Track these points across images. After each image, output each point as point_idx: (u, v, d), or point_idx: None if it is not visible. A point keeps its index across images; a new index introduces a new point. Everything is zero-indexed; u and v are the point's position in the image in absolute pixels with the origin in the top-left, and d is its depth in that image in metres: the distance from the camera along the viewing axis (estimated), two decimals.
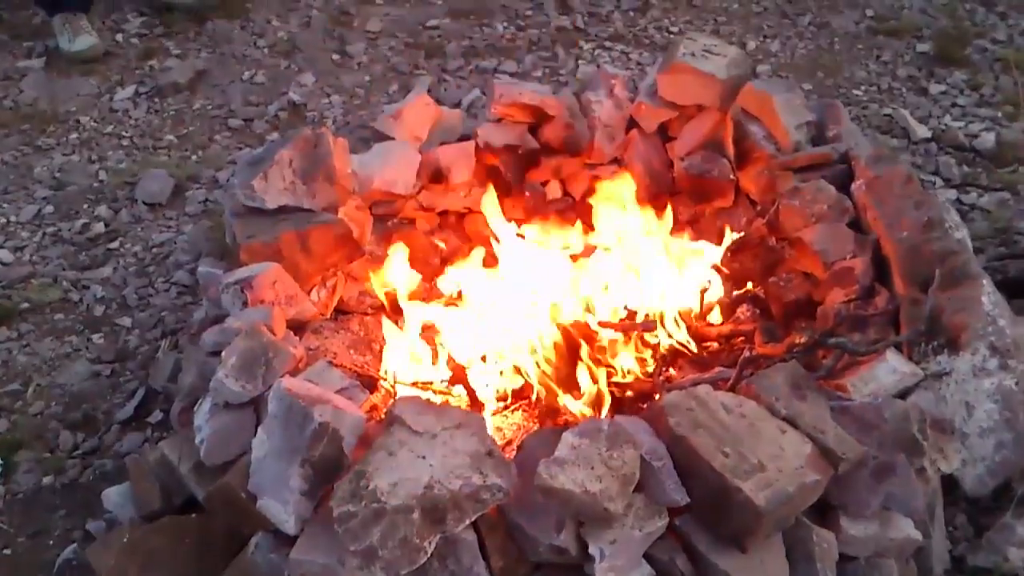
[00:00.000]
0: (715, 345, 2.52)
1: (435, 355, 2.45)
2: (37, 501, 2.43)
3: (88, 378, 2.77)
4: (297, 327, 2.40)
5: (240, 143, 3.80)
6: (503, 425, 2.32)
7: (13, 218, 3.38)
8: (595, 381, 2.28)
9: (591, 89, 3.14)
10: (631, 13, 4.70)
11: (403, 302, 2.57)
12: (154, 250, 3.25)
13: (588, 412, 2.23)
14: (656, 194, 3.03)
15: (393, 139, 2.92)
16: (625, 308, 2.47)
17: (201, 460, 2.01)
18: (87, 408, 2.68)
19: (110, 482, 2.34)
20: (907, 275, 2.34)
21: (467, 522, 1.73)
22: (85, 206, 3.45)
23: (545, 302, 2.42)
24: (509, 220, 2.78)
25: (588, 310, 2.43)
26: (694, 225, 3.04)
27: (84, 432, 2.62)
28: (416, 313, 2.52)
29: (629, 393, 2.33)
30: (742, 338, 2.53)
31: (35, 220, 3.38)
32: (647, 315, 2.42)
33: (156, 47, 4.34)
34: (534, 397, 2.34)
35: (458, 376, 2.41)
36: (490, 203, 2.76)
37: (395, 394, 2.33)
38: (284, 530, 1.80)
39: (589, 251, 2.73)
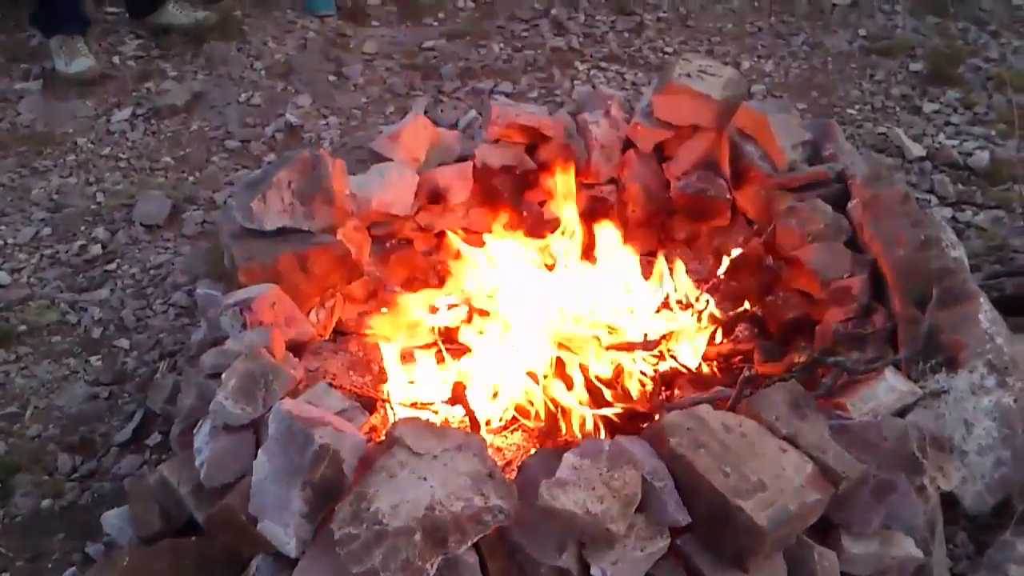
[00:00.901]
0: (714, 364, 2.52)
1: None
2: (35, 524, 2.42)
3: (86, 400, 2.77)
4: (296, 348, 2.40)
5: (237, 164, 3.81)
6: (503, 446, 2.32)
7: (11, 240, 3.38)
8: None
9: (587, 109, 3.15)
10: (626, 34, 4.73)
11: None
12: (152, 272, 3.24)
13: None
14: (653, 214, 3.04)
15: (391, 160, 2.93)
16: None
17: (201, 482, 2.01)
18: (85, 431, 2.67)
19: (109, 505, 2.33)
20: (905, 294, 2.34)
21: (469, 544, 1.73)
22: (83, 228, 3.45)
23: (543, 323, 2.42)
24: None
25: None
26: (691, 244, 3.05)
27: (82, 455, 2.60)
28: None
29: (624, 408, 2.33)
30: (741, 357, 2.54)
31: (33, 242, 3.38)
32: (646, 335, 2.42)
33: (153, 69, 4.35)
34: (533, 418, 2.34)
35: (457, 396, 2.41)
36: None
37: (395, 414, 2.33)
38: (285, 552, 1.80)
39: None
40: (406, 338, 2.56)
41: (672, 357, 2.42)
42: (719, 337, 2.59)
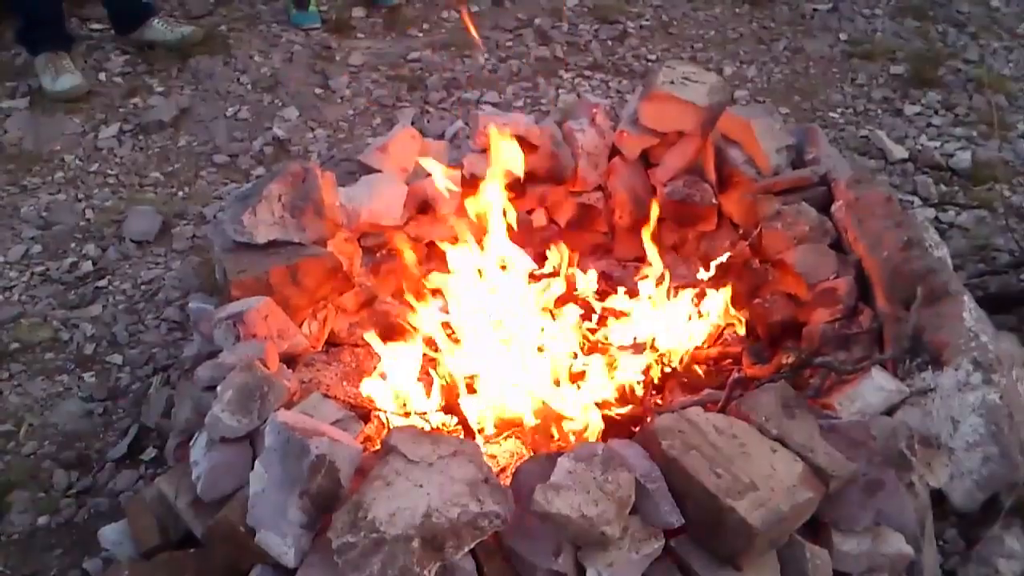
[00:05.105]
0: (704, 367, 2.55)
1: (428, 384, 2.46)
2: (33, 542, 2.43)
3: (80, 417, 2.77)
4: (289, 360, 2.41)
5: (226, 179, 3.82)
6: (496, 452, 2.34)
7: (1, 258, 3.38)
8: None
9: (573, 118, 3.17)
10: (609, 42, 4.77)
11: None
12: (143, 287, 3.26)
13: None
14: (640, 220, 3.07)
15: (380, 172, 2.95)
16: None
17: (198, 495, 2.02)
18: (80, 447, 2.68)
19: (106, 520, 2.33)
20: (889, 294, 2.38)
21: (466, 550, 1.74)
22: (73, 245, 3.46)
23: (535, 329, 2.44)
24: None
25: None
26: (678, 250, 3.08)
27: (78, 471, 2.62)
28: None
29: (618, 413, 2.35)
30: (730, 360, 2.56)
31: (23, 260, 3.39)
32: (635, 339, 2.45)
33: (139, 85, 4.36)
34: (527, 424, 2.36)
35: (450, 404, 2.43)
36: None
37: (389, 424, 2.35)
38: (284, 563, 1.80)
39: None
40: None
41: (660, 360, 2.44)
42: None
